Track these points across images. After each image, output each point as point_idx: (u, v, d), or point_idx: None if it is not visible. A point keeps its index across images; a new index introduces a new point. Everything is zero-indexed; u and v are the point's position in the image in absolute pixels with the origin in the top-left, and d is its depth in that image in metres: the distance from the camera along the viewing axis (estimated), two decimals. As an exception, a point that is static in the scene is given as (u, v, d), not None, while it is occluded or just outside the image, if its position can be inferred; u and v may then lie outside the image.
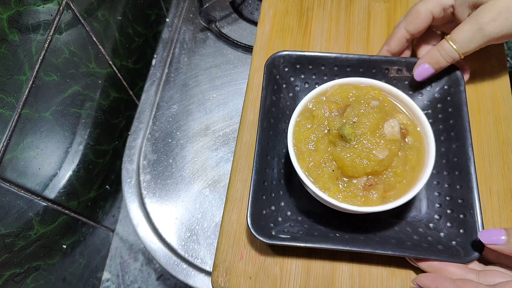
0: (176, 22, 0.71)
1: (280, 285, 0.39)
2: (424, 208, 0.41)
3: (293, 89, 0.46)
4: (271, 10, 0.54)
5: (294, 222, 0.40)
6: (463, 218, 0.38)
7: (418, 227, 0.39)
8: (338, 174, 0.37)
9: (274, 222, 0.39)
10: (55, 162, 0.52)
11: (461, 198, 0.38)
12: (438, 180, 0.41)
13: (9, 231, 0.44)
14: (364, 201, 0.35)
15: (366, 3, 0.53)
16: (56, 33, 0.47)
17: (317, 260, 0.40)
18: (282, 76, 0.45)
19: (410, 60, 0.44)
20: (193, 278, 0.53)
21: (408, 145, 0.37)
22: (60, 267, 0.57)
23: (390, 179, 0.36)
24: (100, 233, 0.69)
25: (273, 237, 0.37)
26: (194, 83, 0.65)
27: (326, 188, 0.36)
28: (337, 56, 0.44)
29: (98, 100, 0.60)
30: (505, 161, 0.42)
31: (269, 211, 0.39)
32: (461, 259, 0.35)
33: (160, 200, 0.57)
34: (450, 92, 0.42)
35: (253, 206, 0.38)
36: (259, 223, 0.37)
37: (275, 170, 0.42)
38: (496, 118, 0.45)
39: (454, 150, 0.40)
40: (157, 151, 0.60)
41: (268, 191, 0.40)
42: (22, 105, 0.43)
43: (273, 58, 0.45)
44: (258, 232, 0.37)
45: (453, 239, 0.37)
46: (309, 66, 0.45)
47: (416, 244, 0.37)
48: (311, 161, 0.37)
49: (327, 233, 0.38)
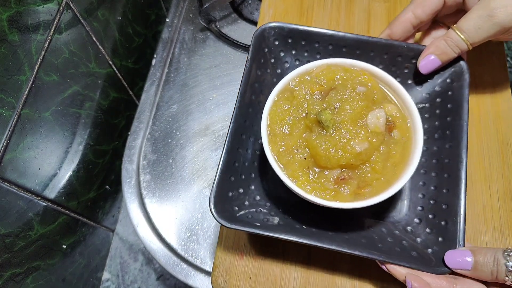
0: (176, 22, 0.71)
1: (280, 286, 0.39)
2: (405, 210, 0.38)
3: (282, 65, 0.43)
4: (271, 10, 0.54)
5: (262, 208, 0.37)
6: (444, 226, 0.34)
7: (395, 229, 0.37)
8: (310, 162, 0.34)
9: (240, 206, 0.36)
10: (55, 162, 0.52)
11: (446, 203, 0.35)
12: (424, 180, 0.38)
13: (9, 231, 0.44)
14: (334, 195, 0.33)
15: (366, 3, 0.53)
16: (56, 33, 0.47)
17: (317, 261, 0.40)
18: (271, 50, 0.42)
19: (413, 47, 0.40)
20: (193, 278, 0.53)
21: (393, 139, 0.34)
22: (60, 267, 0.57)
23: (366, 175, 0.33)
24: (100, 233, 0.69)
25: (235, 221, 0.34)
26: (194, 83, 0.65)
27: (295, 177, 0.33)
28: (333, 34, 0.41)
29: (98, 100, 0.60)
30: (505, 161, 0.42)
31: (236, 193, 0.37)
32: (432, 269, 0.32)
33: (160, 200, 0.57)
34: (452, 86, 0.39)
35: (218, 186, 0.35)
36: (222, 206, 0.35)
37: (249, 151, 0.39)
38: (496, 117, 0.45)
39: (447, 150, 0.37)
40: (157, 151, 0.60)
41: (238, 173, 0.37)
42: (22, 105, 0.43)
43: (263, 29, 0.41)
44: (219, 215, 0.33)
45: (430, 247, 0.34)
46: (302, 42, 0.42)
47: (388, 248, 0.34)
48: (283, 145, 0.34)
49: (293, 224, 0.35)
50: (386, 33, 0.42)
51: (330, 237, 0.34)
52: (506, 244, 0.39)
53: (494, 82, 0.46)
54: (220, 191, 0.35)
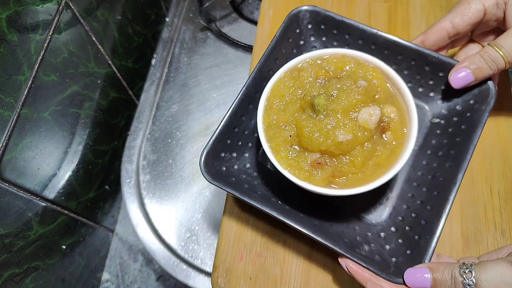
0: (176, 21, 0.71)
1: (280, 286, 0.39)
2: (385, 216, 0.38)
3: (310, 49, 0.43)
4: (271, 10, 0.53)
5: (247, 176, 0.38)
6: (417, 240, 0.34)
7: (368, 231, 0.37)
8: (294, 141, 0.35)
9: (228, 168, 0.38)
10: (54, 162, 0.52)
11: (426, 219, 0.35)
12: (414, 193, 0.38)
13: (8, 231, 0.44)
14: (306, 176, 0.33)
15: (366, 2, 0.53)
16: (55, 33, 0.47)
17: (317, 261, 0.39)
18: (302, 31, 0.42)
19: (444, 59, 0.38)
20: (193, 279, 0.53)
21: (383, 141, 0.34)
22: (60, 268, 0.57)
23: (343, 166, 0.33)
24: (100, 233, 0.69)
25: (218, 179, 0.35)
26: (194, 83, 0.65)
27: (276, 150, 0.35)
28: (365, 29, 0.40)
29: (97, 100, 0.60)
30: (506, 161, 0.42)
31: (228, 155, 0.38)
32: (388, 276, 0.32)
33: (159, 201, 0.57)
34: (473, 108, 0.37)
35: (213, 144, 0.36)
36: (212, 163, 0.36)
37: (252, 121, 0.40)
38: (496, 117, 0.44)
39: (445, 170, 0.36)
40: (157, 151, 0.60)
41: (235, 138, 0.38)
42: (21, 105, 0.43)
43: (299, 10, 0.41)
44: (206, 169, 0.35)
45: (395, 256, 0.34)
46: (334, 31, 0.42)
47: (353, 244, 0.34)
48: (274, 119, 0.35)
49: (271, 197, 0.37)
50: (420, 39, 0.41)
51: (300, 219, 0.35)
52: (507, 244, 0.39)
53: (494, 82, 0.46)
54: (214, 149, 0.36)
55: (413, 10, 0.52)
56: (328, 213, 0.38)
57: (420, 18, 0.51)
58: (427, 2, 0.52)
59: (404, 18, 0.51)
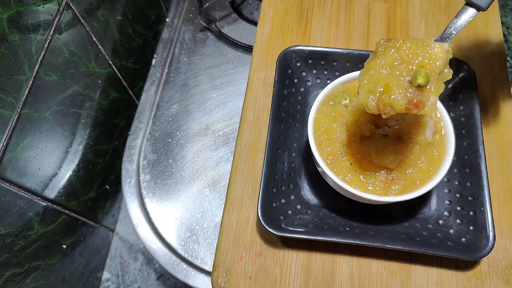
0: (176, 22, 0.71)
1: (280, 286, 0.39)
2: (434, 205, 0.41)
3: (305, 84, 0.46)
4: (271, 10, 0.54)
5: (304, 216, 0.40)
6: (473, 215, 0.38)
7: (428, 223, 0.40)
8: (356, 167, 0.37)
9: (284, 215, 0.39)
10: (55, 162, 0.52)
11: (471, 195, 0.38)
12: (448, 177, 0.41)
13: (9, 231, 0.44)
14: (384, 192, 0.36)
15: (365, 3, 0.53)
16: (56, 33, 0.47)
17: (317, 261, 0.40)
18: (294, 70, 0.45)
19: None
20: (193, 278, 0.53)
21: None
22: (60, 267, 0.57)
23: (411, 175, 0.37)
24: (100, 233, 0.69)
25: (283, 230, 0.37)
26: (194, 83, 0.65)
27: (353, 182, 0.37)
28: (349, 52, 0.45)
29: (98, 100, 0.60)
30: (505, 161, 0.42)
31: (279, 204, 0.40)
32: (470, 255, 0.35)
33: (160, 200, 0.57)
34: (461, 91, 0.42)
35: (263, 198, 0.38)
36: (269, 216, 0.38)
37: (285, 164, 0.42)
38: (496, 117, 0.45)
39: (465, 148, 0.40)
40: (157, 151, 0.60)
41: (278, 184, 0.40)
42: (22, 105, 0.43)
43: (285, 52, 0.45)
44: (268, 224, 0.37)
45: (463, 236, 0.37)
46: (321, 62, 0.46)
47: (425, 240, 0.37)
48: (328, 151, 0.38)
49: (337, 227, 0.39)
50: None
51: (373, 236, 0.37)
52: (508, 246, 0.39)
53: (494, 82, 0.46)
54: (265, 203, 0.38)
55: (412, 10, 0.52)
56: (388, 223, 0.40)
57: (419, 18, 0.51)
58: (426, 3, 0.52)
59: (403, 18, 0.52)
